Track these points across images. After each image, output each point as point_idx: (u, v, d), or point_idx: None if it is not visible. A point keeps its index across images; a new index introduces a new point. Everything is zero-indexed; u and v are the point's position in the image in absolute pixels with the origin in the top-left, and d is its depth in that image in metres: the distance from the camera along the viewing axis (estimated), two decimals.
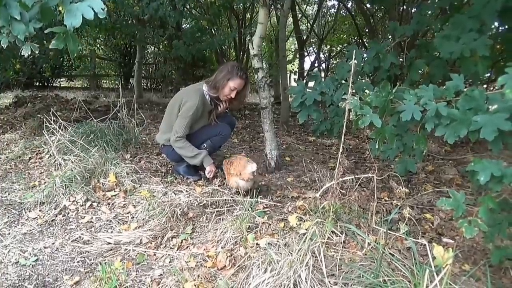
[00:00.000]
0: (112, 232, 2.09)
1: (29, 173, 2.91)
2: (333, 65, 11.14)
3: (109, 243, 1.96)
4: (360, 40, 8.15)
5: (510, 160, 3.00)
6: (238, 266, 1.71)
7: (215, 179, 2.77)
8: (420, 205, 2.41)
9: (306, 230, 1.90)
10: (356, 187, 2.37)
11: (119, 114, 3.62)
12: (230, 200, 2.40)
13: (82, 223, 2.18)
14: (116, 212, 2.31)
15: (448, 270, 1.24)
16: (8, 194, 2.52)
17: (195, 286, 1.58)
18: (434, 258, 1.33)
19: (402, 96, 1.70)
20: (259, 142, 4.15)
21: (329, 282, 1.50)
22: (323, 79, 2.53)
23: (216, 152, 3.15)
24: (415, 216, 2.22)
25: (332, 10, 10.54)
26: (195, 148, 2.71)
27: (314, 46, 11.06)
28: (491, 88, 4.60)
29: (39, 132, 3.76)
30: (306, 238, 1.62)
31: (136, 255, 1.86)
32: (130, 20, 6.98)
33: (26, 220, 2.20)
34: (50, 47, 1.47)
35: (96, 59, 10.76)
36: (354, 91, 2.30)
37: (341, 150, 1.80)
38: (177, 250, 1.90)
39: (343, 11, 9.52)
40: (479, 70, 1.98)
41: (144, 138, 3.82)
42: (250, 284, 1.52)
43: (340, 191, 1.99)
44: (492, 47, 2.26)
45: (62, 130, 3.07)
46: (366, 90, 2.08)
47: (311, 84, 2.61)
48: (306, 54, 10.29)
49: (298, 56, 9.49)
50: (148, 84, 11.27)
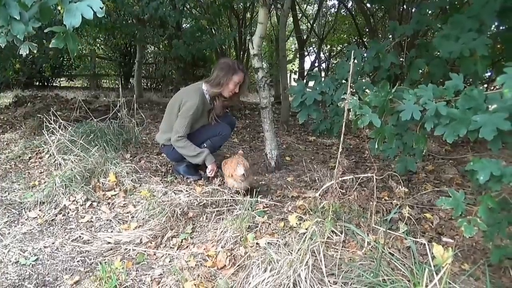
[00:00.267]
0: (112, 231, 2.09)
1: (29, 172, 2.91)
2: (333, 65, 11.14)
3: (109, 243, 1.96)
4: (360, 40, 8.15)
5: (510, 159, 3.01)
6: (238, 266, 1.71)
7: (215, 179, 2.77)
8: (420, 204, 2.41)
9: (306, 229, 1.90)
10: (356, 187, 2.37)
11: (119, 114, 3.62)
12: (230, 199, 2.40)
13: (82, 222, 2.19)
14: (116, 211, 2.31)
15: (448, 269, 1.24)
16: (8, 194, 2.53)
17: (195, 285, 1.58)
18: (433, 257, 1.33)
19: (401, 95, 1.70)
20: (259, 142, 4.16)
21: (328, 281, 1.50)
22: (323, 79, 2.54)
23: (216, 152, 3.15)
24: (415, 215, 2.22)
25: (332, 10, 10.58)
26: (196, 147, 2.71)
27: (314, 46, 11.07)
28: (492, 87, 4.60)
29: (39, 132, 3.76)
30: (306, 237, 1.61)
31: (136, 255, 1.86)
32: (130, 19, 6.99)
33: (26, 219, 2.20)
34: (50, 46, 1.47)
35: (96, 58, 10.77)
36: (354, 90, 2.30)
37: (340, 150, 1.80)
38: (177, 250, 1.90)
39: (343, 10, 9.52)
40: (479, 69, 1.98)
41: (144, 138, 3.82)
42: (250, 283, 1.52)
43: (340, 191, 1.99)
44: (492, 46, 2.27)
45: (62, 129, 3.07)
46: (367, 90, 2.09)
47: (311, 83, 2.61)
48: (306, 53, 10.30)
49: (298, 55, 9.49)
50: (148, 84, 11.27)
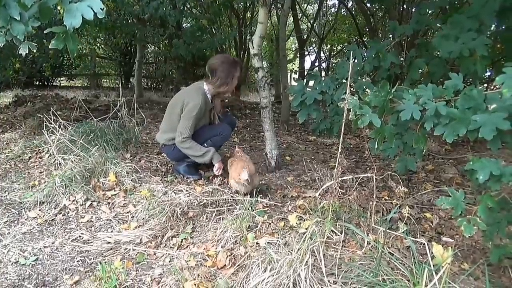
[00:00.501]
0: (112, 231, 2.09)
1: (29, 172, 2.91)
2: (333, 64, 11.15)
3: (109, 243, 1.96)
4: (361, 40, 8.15)
5: (510, 159, 3.00)
6: (238, 265, 1.71)
7: (216, 178, 2.77)
8: (420, 204, 2.41)
9: (306, 229, 1.90)
10: (356, 187, 2.37)
11: (119, 114, 3.62)
12: (230, 199, 2.40)
13: (82, 222, 2.18)
14: (116, 211, 2.31)
15: (447, 269, 1.24)
16: (8, 194, 2.53)
17: (195, 285, 1.58)
18: (433, 257, 1.33)
19: (401, 95, 1.70)
20: (260, 141, 4.16)
21: (328, 281, 1.50)
22: (323, 78, 2.54)
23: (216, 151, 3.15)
24: (414, 215, 2.22)
25: (333, 10, 10.58)
26: (202, 146, 2.70)
27: (314, 46, 11.07)
28: (492, 87, 4.59)
29: (39, 132, 3.76)
30: (306, 237, 1.61)
31: (136, 255, 1.86)
32: (130, 19, 6.99)
33: (25, 219, 2.20)
34: (50, 47, 1.47)
35: (96, 58, 10.77)
36: (354, 90, 2.31)
37: (340, 150, 1.80)
38: (177, 250, 1.90)
39: (343, 10, 9.52)
40: (478, 69, 1.98)
41: (144, 138, 3.82)
42: (250, 283, 1.52)
43: (339, 191, 1.99)
44: (492, 46, 2.26)
45: (62, 129, 3.06)
46: (367, 89, 2.08)
47: (311, 83, 2.61)
48: (306, 53, 10.30)
49: (298, 55, 9.49)
50: (149, 83, 11.28)
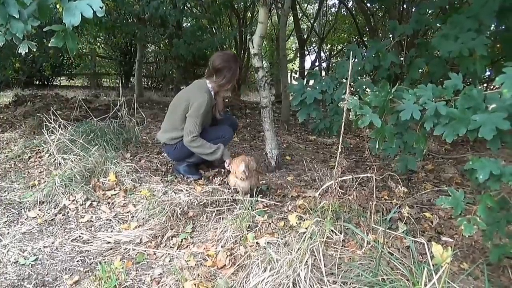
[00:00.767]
0: (112, 231, 2.09)
1: (28, 172, 2.91)
2: (333, 64, 11.14)
3: (109, 243, 1.96)
4: (361, 39, 8.14)
5: (509, 159, 3.00)
6: (238, 265, 1.71)
7: (216, 178, 2.77)
8: (420, 204, 2.42)
9: (306, 229, 1.90)
10: (356, 186, 2.37)
11: (119, 113, 3.61)
12: (230, 199, 2.40)
13: (81, 222, 2.18)
14: (116, 211, 2.31)
15: (447, 268, 1.25)
16: (8, 194, 2.53)
17: (195, 285, 1.58)
18: (432, 256, 1.33)
19: (401, 95, 1.70)
20: (260, 141, 4.15)
21: (328, 281, 1.50)
22: (323, 78, 2.54)
23: None
24: (414, 215, 2.22)
25: (333, 9, 10.57)
26: (211, 144, 2.66)
27: (314, 45, 11.06)
28: (492, 87, 4.59)
29: (38, 131, 3.76)
30: (306, 237, 1.62)
31: (136, 254, 1.86)
32: (130, 19, 6.99)
33: (25, 219, 2.20)
34: (49, 45, 1.48)
35: (97, 57, 10.76)
36: (354, 90, 2.30)
37: (339, 150, 1.80)
38: (177, 249, 1.90)
39: (344, 10, 9.52)
40: (477, 69, 1.98)
41: (145, 137, 3.81)
42: (249, 283, 1.52)
43: (339, 191, 1.99)
44: (492, 46, 2.26)
45: (62, 129, 3.06)
46: (367, 89, 2.08)
47: (311, 82, 2.61)
48: (306, 53, 10.29)
49: (298, 55, 9.49)
50: (149, 83, 11.28)
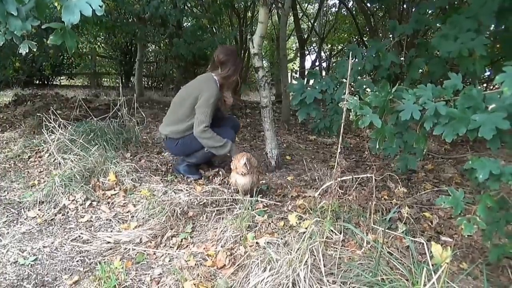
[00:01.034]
0: (111, 231, 2.09)
1: (28, 172, 2.91)
2: (333, 64, 11.14)
3: (108, 242, 1.96)
4: (361, 39, 8.14)
5: (509, 159, 3.00)
6: (238, 265, 1.71)
7: (216, 178, 2.77)
8: (419, 203, 2.42)
9: (306, 229, 1.90)
10: (356, 186, 2.37)
11: (119, 113, 3.61)
12: (230, 199, 2.40)
13: (81, 222, 2.19)
14: (116, 211, 2.31)
15: (446, 268, 1.25)
16: (7, 193, 2.52)
17: (195, 285, 1.58)
18: (432, 256, 1.33)
19: (401, 95, 1.70)
20: (260, 141, 4.15)
21: (327, 281, 1.50)
22: (323, 77, 2.53)
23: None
24: (414, 215, 2.22)
25: (333, 9, 10.56)
26: (221, 137, 2.64)
27: (315, 45, 11.05)
28: (491, 87, 4.59)
29: (38, 131, 3.75)
30: (305, 237, 1.62)
31: (135, 254, 1.86)
32: (130, 18, 6.98)
33: (25, 219, 2.20)
34: (48, 42, 1.47)
35: (97, 57, 10.75)
36: (354, 90, 2.30)
37: (339, 150, 1.80)
38: (176, 249, 1.90)
39: (344, 10, 9.51)
40: (477, 69, 1.98)
41: (145, 137, 3.82)
42: (249, 283, 1.52)
43: (339, 191, 1.99)
44: (492, 46, 2.26)
45: (62, 128, 3.06)
46: (367, 89, 2.08)
47: (311, 82, 2.61)
48: (307, 53, 10.28)
49: (299, 55, 9.48)
50: (149, 83, 11.27)
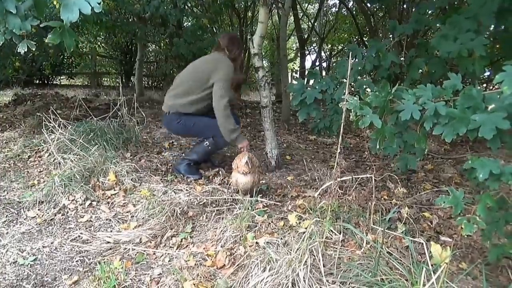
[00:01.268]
0: (111, 231, 2.09)
1: (28, 171, 2.91)
2: (333, 64, 11.13)
3: (108, 242, 1.96)
4: (361, 39, 8.14)
5: (508, 159, 3.00)
6: (238, 265, 1.71)
7: (216, 178, 2.77)
8: (419, 204, 2.42)
9: (305, 229, 1.90)
10: (355, 186, 2.37)
11: (119, 113, 3.60)
12: (230, 199, 2.40)
13: (81, 222, 2.19)
14: (116, 211, 2.31)
15: (445, 268, 1.25)
16: (7, 193, 2.52)
17: (194, 285, 1.58)
18: (431, 256, 1.33)
19: (401, 95, 1.70)
20: (260, 141, 4.15)
21: (327, 281, 1.50)
22: (323, 77, 2.53)
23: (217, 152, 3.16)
24: (413, 215, 2.22)
25: (333, 9, 10.55)
26: (234, 121, 2.67)
27: (315, 45, 11.05)
28: (491, 87, 4.59)
29: (38, 131, 3.75)
30: (305, 237, 1.62)
31: (135, 254, 1.86)
32: (130, 18, 6.98)
33: (24, 219, 2.20)
34: (46, 41, 1.46)
35: (97, 57, 10.74)
36: (354, 90, 2.30)
37: (339, 150, 1.80)
38: (176, 249, 1.90)
39: (344, 10, 9.51)
40: (476, 69, 1.98)
41: (145, 137, 3.82)
42: (249, 283, 1.52)
43: (339, 191, 1.99)
44: (491, 47, 2.26)
45: (62, 128, 3.06)
46: (367, 89, 2.08)
47: (311, 82, 2.61)
48: (307, 53, 10.28)
49: (299, 54, 9.47)
50: (149, 83, 11.24)
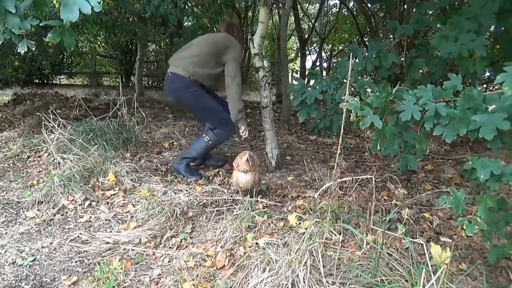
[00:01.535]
0: (111, 231, 2.09)
1: (27, 171, 2.90)
2: (334, 64, 11.13)
3: (107, 243, 1.96)
4: (362, 40, 8.13)
5: (508, 159, 3.00)
6: (237, 266, 1.70)
7: (216, 178, 2.77)
8: (419, 204, 2.41)
9: (305, 229, 1.90)
10: (356, 187, 2.37)
11: (119, 112, 3.60)
12: (230, 199, 2.40)
13: (80, 222, 2.18)
14: (115, 211, 2.30)
15: (445, 269, 1.24)
16: (6, 193, 2.52)
17: (194, 285, 1.58)
18: (431, 257, 1.33)
19: (401, 96, 1.70)
20: (260, 141, 4.15)
21: (326, 281, 1.50)
22: (323, 77, 2.53)
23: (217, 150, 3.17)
24: (413, 215, 2.22)
25: (334, 10, 10.56)
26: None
27: (315, 45, 11.05)
28: (491, 88, 4.59)
29: (38, 130, 3.73)
30: (305, 237, 1.61)
31: (135, 255, 1.85)
32: (131, 17, 6.98)
33: (23, 219, 2.19)
34: (46, 40, 1.46)
35: (97, 56, 10.73)
36: (354, 90, 2.30)
37: (339, 151, 1.79)
38: (176, 250, 1.90)
39: (345, 10, 9.51)
40: (477, 70, 1.98)
41: (145, 137, 3.81)
42: (249, 283, 1.52)
43: (339, 192, 1.99)
44: (492, 47, 2.26)
45: (61, 128, 3.05)
46: (368, 89, 2.08)
47: (312, 82, 2.61)
48: (307, 53, 10.28)
49: (299, 55, 9.47)
50: (149, 82, 11.24)
